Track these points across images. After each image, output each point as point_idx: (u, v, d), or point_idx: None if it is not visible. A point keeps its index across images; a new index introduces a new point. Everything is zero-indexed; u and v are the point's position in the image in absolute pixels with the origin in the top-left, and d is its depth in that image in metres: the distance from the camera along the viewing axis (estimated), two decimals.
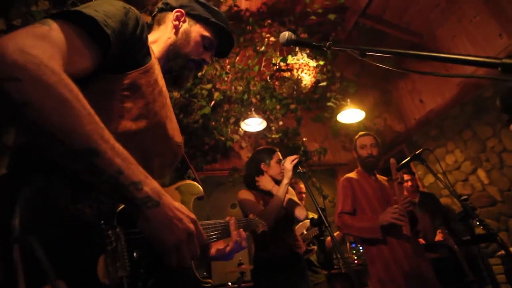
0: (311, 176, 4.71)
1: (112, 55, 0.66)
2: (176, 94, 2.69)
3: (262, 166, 2.18)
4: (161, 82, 0.83)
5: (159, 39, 0.93)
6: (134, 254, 0.62)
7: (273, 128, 4.01)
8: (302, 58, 3.01)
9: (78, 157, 0.52)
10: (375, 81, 4.47)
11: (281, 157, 2.19)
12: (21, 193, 0.48)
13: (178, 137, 0.89)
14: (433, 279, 1.94)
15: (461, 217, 1.72)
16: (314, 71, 3.05)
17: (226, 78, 3.16)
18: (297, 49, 3.08)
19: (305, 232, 2.79)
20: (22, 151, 0.59)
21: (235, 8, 3.25)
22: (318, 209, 1.67)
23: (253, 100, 3.60)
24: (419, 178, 3.91)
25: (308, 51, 3.26)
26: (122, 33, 0.67)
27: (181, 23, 0.95)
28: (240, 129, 3.81)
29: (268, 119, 3.92)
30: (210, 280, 0.87)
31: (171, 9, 0.96)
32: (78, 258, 0.51)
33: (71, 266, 0.49)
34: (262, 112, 3.82)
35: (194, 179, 1.00)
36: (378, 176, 2.40)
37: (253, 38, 3.34)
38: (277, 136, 4.01)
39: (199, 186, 0.98)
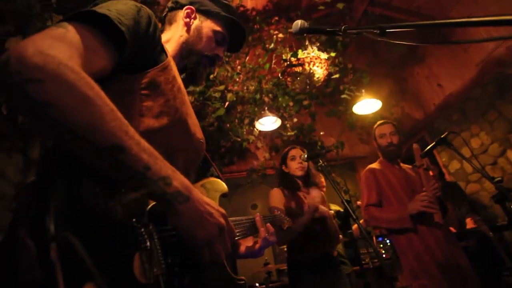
0: (330, 171, 4.64)
1: (128, 53, 0.66)
2: (190, 98, 2.71)
3: (284, 168, 2.22)
4: (179, 79, 0.83)
5: (172, 38, 0.93)
6: (168, 252, 0.61)
7: (287, 125, 3.97)
8: (313, 52, 2.97)
9: (104, 154, 0.51)
10: (388, 69, 4.36)
11: (294, 154, 2.19)
12: (53, 194, 0.47)
13: (199, 133, 0.88)
14: (467, 267, 1.85)
15: (496, 200, 1.63)
16: (326, 64, 3.00)
17: (237, 79, 3.16)
18: (307, 42, 3.04)
19: None
20: (49, 156, 0.59)
21: (241, 8, 3.25)
22: (344, 201, 1.64)
23: (266, 99, 3.59)
24: (443, 165, 3.77)
25: (318, 44, 3.22)
26: (136, 31, 0.66)
27: (192, 20, 0.95)
28: (255, 129, 3.80)
29: (282, 117, 3.89)
30: (243, 277, 0.86)
31: (181, 7, 0.96)
32: (113, 256, 0.50)
33: (107, 265, 0.48)
34: (276, 110, 3.80)
35: (217, 177, 0.99)
36: (402, 164, 2.32)
37: (261, 36, 3.33)
38: (292, 133, 3.97)
39: (223, 183, 0.97)
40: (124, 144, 0.52)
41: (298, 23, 0.99)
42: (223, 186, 0.96)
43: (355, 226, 3.22)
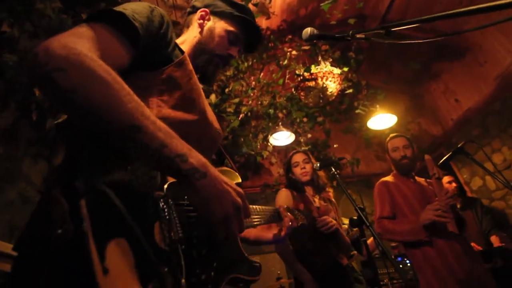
0: (345, 188, 4.54)
1: (144, 50, 0.71)
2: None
3: (291, 175, 2.22)
4: (195, 75, 0.87)
5: (187, 39, 0.98)
6: (187, 225, 0.65)
7: (301, 140, 3.99)
8: (325, 67, 3.03)
9: (123, 133, 0.55)
10: (404, 86, 4.34)
11: (297, 160, 2.20)
12: (80, 161, 0.53)
13: (216, 124, 0.91)
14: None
15: None
16: (339, 78, 3.05)
17: (252, 94, 3.26)
18: (319, 58, 3.12)
19: None
20: (73, 135, 0.65)
21: None
22: (357, 208, 1.62)
23: (280, 114, 3.65)
24: (465, 182, 3.62)
25: (331, 60, 3.29)
26: (149, 28, 0.72)
27: (205, 21, 0.99)
28: (269, 144, 3.84)
29: (296, 133, 3.93)
30: (258, 260, 0.88)
31: (196, 10, 1.01)
32: (135, 222, 0.54)
33: (130, 228, 0.52)
34: (290, 125, 3.85)
35: (231, 168, 1.02)
36: (417, 178, 2.27)
37: (275, 53, 3.45)
38: (306, 148, 3.98)
39: (237, 174, 0.99)
40: (141, 124, 0.56)
41: (308, 30, 1.02)
42: (236, 176, 0.98)
43: (370, 240, 3.10)
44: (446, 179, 3.15)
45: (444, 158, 1.97)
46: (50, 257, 0.47)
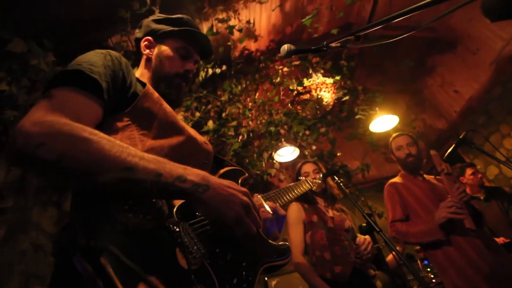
0: (358, 195, 4.44)
1: (110, 95, 0.73)
2: (205, 137, 2.86)
3: None
4: (164, 101, 0.89)
5: (142, 72, 1.00)
6: (205, 239, 0.67)
7: (307, 153, 3.97)
8: (318, 78, 3.07)
9: (118, 178, 0.57)
10: (401, 85, 4.33)
11: (307, 170, 2.17)
12: (90, 224, 0.54)
13: (200, 137, 0.93)
14: None
15: None
16: (332, 88, 3.08)
17: (250, 115, 3.31)
18: (310, 71, 3.17)
19: None
20: (77, 198, 0.65)
21: (246, 52, 3.51)
22: (364, 215, 1.58)
23: (282, 131, 3.67)
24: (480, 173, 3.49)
25: (322, 72, 3.34)
26: (108, 74, 0.74)
27: (151, 49, 0.99)
28: (275, 162, 3.83)
29: (300, 146, 3.92)
30: (285, 242, 0.86)
31: (139, 42, 1.01)
32: (158, 256, 0.56)
33: (156, 263, 0.55)
34: (293, 140, 3.85)
35: (233, 166, 1.02)
36: (425, 176, 2.21)
37: (268, 73, 3.52)
38: (312, 161, 3.95)
39: (241, 168, 1.00)
40: (131, 163, 0.58)
41: (285, 47, 1.06)
42: (241, 171, 0.99)
43: (390, 257, 2.97)
44: (469, 171, 3.00)
45: (448, 151, 1.92)
46: None
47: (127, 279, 0.48)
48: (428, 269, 3.19)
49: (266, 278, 3.70)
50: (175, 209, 0.67)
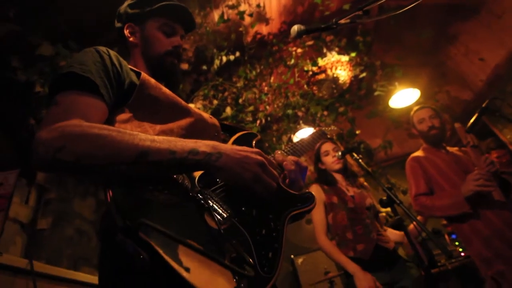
0: (382, 173, 4.39)
1: (108, 89, 0.76)
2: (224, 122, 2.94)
3: (320, 165, 2.23)
4: (162, 85, 0.89)
5: (135, 61, 1.00)
6: (229, 201, 0.73)
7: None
8: (332, 57, 3.03)
9: (136, 164, 0.62)
10: (422, 57, 4.15)
11: (327, 149, 2.19)
12: (125, 206, 0.60)
13: (205, 114, 0.96)
14: None
15: None
16: (348, 65, 3.03)
17: (266, 99, 3.34)
18: (325, 50, 3.13)
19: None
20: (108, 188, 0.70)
21: (259, 36, 3.50)
22: (384, 188, 1.59)
23: (299, 113, 3.68)
24: (510, 143, 3.35)
25: (337, 50, 3.28)
26: (99, 69, 0.76)
27: (135, 34, 1.00)
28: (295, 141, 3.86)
29: (319, 127, 3.91)
30: (308, 191, 0.88)
31: (122, 30, 1.01)
32: (191, 221, 0.63)
33: (190, 228, 0.61)
34: (311, 122, 3.85)
35: (244, 130, 1.05)
36: (449, 148, 2.17)
37: (281, 56, 3.51)
38: (330, 139, 3.94)
39: (253, 132, 1.03)
40: (144, 147, 0.62)
41: (295, 28, 1.06)
42: (253, 134, 1.02)
43: (411, 227, 2.96)
44: (494, 153, 2.89)
45: (471, 122, 1.87)
46: (145, 279, 0.57)
47: (167, 245, 0.55)
48: (456, 243, 3.15)
49: (292, 256, 3.83)
50: (196, 180, 0.73)
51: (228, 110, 2.86)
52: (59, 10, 1.93)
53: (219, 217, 0.66)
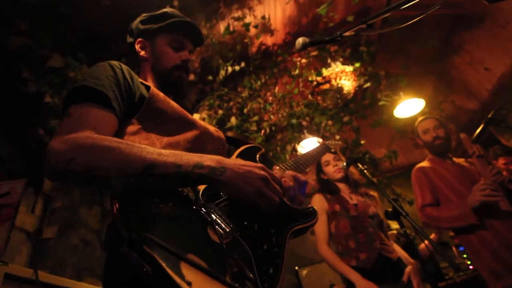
0: (387, 183, 4.35)
1: (119, 102, 0.79)
2: (230, 134, 2.95)
3: (322, 176, 2.23)
4: (170, 98, 0.93)
5: (145, 75, 1.04)
6: (232, 215, 0.73)
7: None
8: (337, 67, 3.05)
9: (143, 176, 0.64)
10: (426, 67, 4.16)
11: (327, 159, 2.19)
12: (129, 218, 0.61)
13: (211, 127, 0.99)
14: None
15: None
16: (352, 75, 3.05)
17: (271, 109, 3.36)
18: (329, 60, 3.15)
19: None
20: (114, 199, 0.72)
21: (263, 47, 3.55)
22: (390, 199, 1.58)
23: (304, 123, 3.69)
24: None
25: (341, 60, 3.30)
26: (112, 83, 0.80)
27: (145, 49, 1.04)
28: (299, 154, 3.86)
29: (323, 137, 3.91)
30: (311, 206, 0.88)
31: (133, 45, 1.06)
32: (193, 237, 0.63)
33: (192, 242, 0.62)
34: (316, 131, 3.85)
35: (249, 144, 1.06)
36: (455, 159, 2.16)
37: (286, 66, 3.54)
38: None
39: (257, 145, 1.04)
40: (151, 160, 0.64)
41: (300, 40, 1.09)
42: (257, 147, 1.03)
43: (422, 246, 2.90)
44: (502, 160, 2.87)
45: (476, 132, 1.87)
46: None
47: (170, 260, 0.55)
48: (464, 256, 3.08)
49: (296, 268, 3.77)
50: (200, 194, 0.74)
51: (233, 120, 2.88)
52: (68, 23, 1.99)
53: (221, 231, 0.67)
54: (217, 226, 0.67)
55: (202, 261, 0.58)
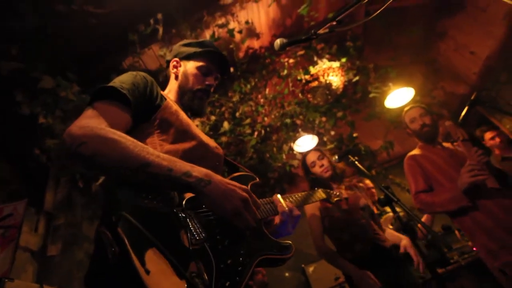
0: (385, 174, 4.38)
1: (137, 107, 0.89)
2: (224, 138, 3.00)
3: (312, 176, 2.25)
4: (182, 112, 1.05)
5: (171, 88, 1.18)
6: (208, 226, 0.78)
7: (326, 139, 4.00)
8: (324, 64, 3.10)
9: (138, 171, 0.72)
10: (413, 56, 4.21)
11: (312, 159, 2.21)
12: (115, 204, 0.69)
13: (212, 142, 1.08)
14: None
15: None
16: (340, 71, 3.09)
17: (263, 111, 3.41)
18: (315, 58, 3.20)
19: (390, 227, 2.59)
20: (107, 191, 0.81)
21: (251, 51, 3.61)
22: (381, 187, 1.62)
23: (297, 121, 3.73)
24: (510, 132, 3.34)
25: (328, 57, 3.35)
26: (136, 90, 0.91)
27: (178, 69, 1.18)
28: (295, 153, 3.90)
29: (318, 134, 3.95)
30: (289, 241, 0.93)
31: (169, 62, 1.21)
32: (166, 234, 0.69)
33: (165, 240, 0.67)
34: (310, 129, 3.89)
35: (244, 172, 1.12)
36: (444, 143, 2.20)
37: (274, 67, 3.60)
38: (332, 145, 3.97)
39: (252, 175, 1.11)
40: (148, 160, 0.73)
41: (278, 41, 1.14)
42: (252, 176, 1.10)
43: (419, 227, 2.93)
44: (488, 135, 2.94)
45: (462, 115, 1.91)
46: (110, 270, 0.63)
47: (138, 245, 0.60)
48: (467, 239, 3.10)
49: (302, 265, 3.80)
50: (184, 201, 0.80)
51: (226, 124, 2.93)
52: (58, 43, 2.05)
53: (192, 238, 0.72)
54: (189, 233, 0.73)
55: (168, 253, 0.64)
